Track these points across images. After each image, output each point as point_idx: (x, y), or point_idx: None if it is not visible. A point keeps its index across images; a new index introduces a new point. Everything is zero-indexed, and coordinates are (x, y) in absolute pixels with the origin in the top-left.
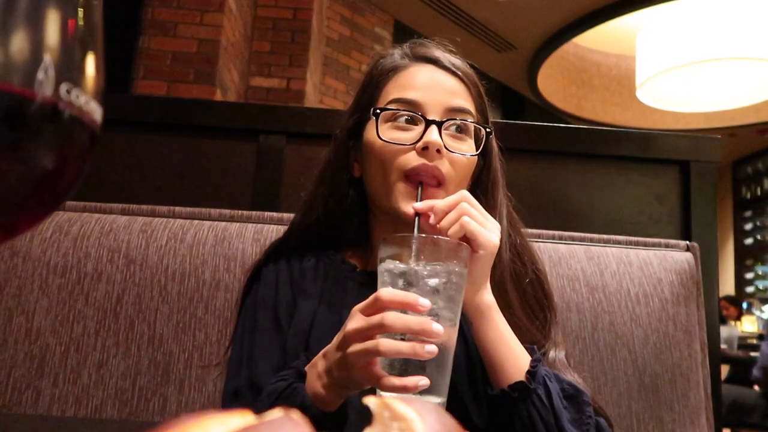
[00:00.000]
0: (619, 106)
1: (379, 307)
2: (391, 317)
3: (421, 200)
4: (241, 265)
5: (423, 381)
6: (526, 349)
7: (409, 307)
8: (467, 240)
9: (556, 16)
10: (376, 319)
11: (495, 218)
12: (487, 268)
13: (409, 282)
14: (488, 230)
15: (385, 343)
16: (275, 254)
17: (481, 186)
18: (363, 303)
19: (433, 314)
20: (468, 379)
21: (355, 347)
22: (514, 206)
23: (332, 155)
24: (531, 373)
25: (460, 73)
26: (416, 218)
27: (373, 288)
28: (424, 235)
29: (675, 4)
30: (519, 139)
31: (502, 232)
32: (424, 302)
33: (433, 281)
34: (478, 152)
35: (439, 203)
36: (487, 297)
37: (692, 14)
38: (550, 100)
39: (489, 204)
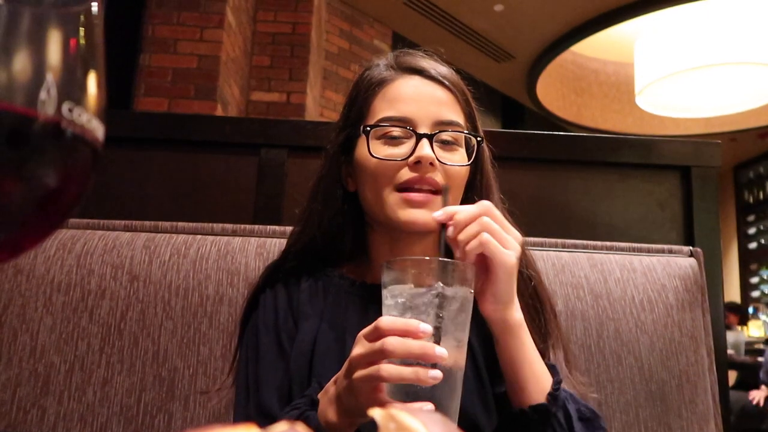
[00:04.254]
0: (619, 113)
1: (380, 334)
2: (392, 342)
3: (446, 205)
4: (244, 279)
5: (427, 407)
6: (548, 366)
7: (410, 335)
8: (485, 257)
9: (553, 24)
10: (377, 345)
11: None
12: (511, 285)
13: (412, 307)
14: (508, 247)
15: (386, 368)
16: (272, 278)
17: (474, 191)
18: (367, 328)
19: (438, 338)
20: (476, 388)
21: (360, 373)
22: (511, 211)
23: (324, 171)
24: (552, 395)
25: (447, 82)
26: (441, 229)
27: (376, 301)
28: (427, 258)
29: (672, 10)
30: (520, 148)
31: None
32: (425, 328)
33: (437, 305)
34: (470, 162)
35: (461, 214)
36: (516, 315)
37: (690, 20)
38: (550, 109)
39: None
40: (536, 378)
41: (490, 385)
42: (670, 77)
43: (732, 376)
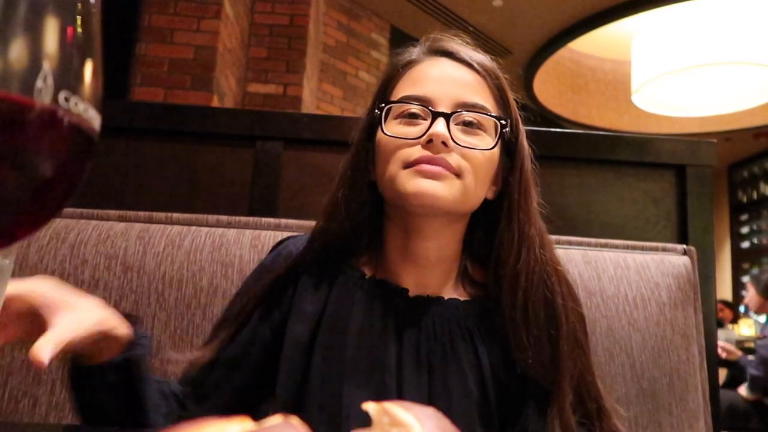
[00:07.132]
0: (615, 111)
1: None
2: None
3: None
4: (238, 271)
5: None
6: None
7: None
8: None
9: (551, 21)
10: None
11: (530, 229)
12: None
13: None
14: None
15: None
16: (293, 272)
17: (510, 190)
18: None
19: None
20: (480, 414)
21: None
22: (548, 218)
23: (351, 156)
24: None
25: (476, 65)
26: None
27: (382, 296)
28: None
29: (670, 9)
30: None
31: (531, 251)
32: None
33: None
34: (493, 147)
35: None
36: None
37: (687, 19)
38: (547, 105)
39: (522, 210)
40: None
41: (498, 414)
42: (667, 76)
43: (721, 374)
